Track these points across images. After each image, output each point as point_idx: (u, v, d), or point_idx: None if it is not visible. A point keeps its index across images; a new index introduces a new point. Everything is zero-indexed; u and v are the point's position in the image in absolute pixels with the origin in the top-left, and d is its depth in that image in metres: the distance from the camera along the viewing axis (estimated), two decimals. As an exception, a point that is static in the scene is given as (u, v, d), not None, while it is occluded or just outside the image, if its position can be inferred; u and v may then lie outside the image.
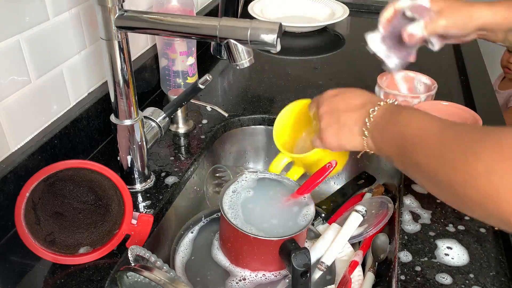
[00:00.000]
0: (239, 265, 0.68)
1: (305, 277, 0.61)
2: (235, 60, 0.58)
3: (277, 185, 0.71)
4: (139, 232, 0.64)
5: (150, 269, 0.56)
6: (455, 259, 0.62)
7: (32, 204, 0.59)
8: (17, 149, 0.68)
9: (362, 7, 1.47)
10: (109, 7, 0.59)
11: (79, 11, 0.75)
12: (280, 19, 1.37)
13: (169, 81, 0.95)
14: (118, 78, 0.65)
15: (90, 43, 0.80)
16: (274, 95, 1.00)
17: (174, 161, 0.81)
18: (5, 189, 0.63)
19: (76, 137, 0.76)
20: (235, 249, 0.67)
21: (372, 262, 0.75)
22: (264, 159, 0.98)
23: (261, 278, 0.67)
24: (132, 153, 0.71)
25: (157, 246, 0.73)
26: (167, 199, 0.74)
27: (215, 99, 0.99)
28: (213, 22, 0.57)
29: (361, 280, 0.71)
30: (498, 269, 0.61)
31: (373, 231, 0.76)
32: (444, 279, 0.60)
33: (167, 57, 0.92)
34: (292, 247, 0.61)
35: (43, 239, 0.60)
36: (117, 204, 0.63)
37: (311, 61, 1.18)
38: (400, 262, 0.62)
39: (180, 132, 0.88)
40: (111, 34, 0.61)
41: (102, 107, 0.81)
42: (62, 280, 0.59)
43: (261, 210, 0.67)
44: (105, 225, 0.64)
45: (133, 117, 0.69)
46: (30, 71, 0.68)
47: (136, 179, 0.73)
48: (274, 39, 0.55)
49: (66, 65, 0.75)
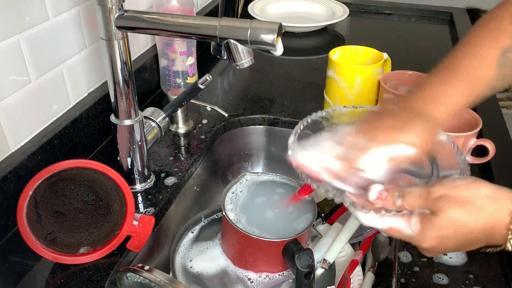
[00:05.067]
0: (242, 266, 0.68)
1: (309, 278, 0.61)
2: (235, 60, 0.58)
3: (279, 186, 0.71)
4: (140, 234, 0.64)
5: (150, 270, 0.56)
6: (454, 259, 0.62)
7: (34, 203, 0.59)
8: (17, 149, 0.68)
9: (362, 7, 1.47)
10: (109, 7, 0.59)
11: (79, 11, 0.75)
12: (280, 19, 1.37)
13: (169, 81, 0.95)
14: (118, 78, 0.65)
15: (90, 43, 0.80)
16: (274, 95, 1.00)
17: (174, 161, 0.81)
18: (5, 189, 0.63)
19: (76, 137, 0.76)
20: (238, 250, 0.67)
21: (372, 262, 0.75)
22: (264, 159, 0.98)
23: (265, 279, 0.67)
24: (132, 153, 0.71)
25: (157, 246, 0.73)
26: (167, 199, 0.74)
27: (215, 99, 0.99)
28: (213, 22, 0.57)
29: (361, 280, 0.71)
30: (498, 269, 0.61)
31: (373, 231, 0.76)
32: (443, 280, 0.60)
33: (167, 57, 0.92)
34: (296, 248, 0.61)
35: (44, 237, 0.60)
36: (118, 205, 0.63)
37: (311, 61, 1.18)
38: (400, 262, 0.62)
39: (180, 132, 0.88)
40: (111, 34, 0.61)
41: (102, 107, 0.81)
42: (62, 280, 0.59)
43: (264, 212, 0.67)
44: (105, 226, 0.64)
45: (133, 117, 0.69)
46: (30, 71, 0.68)
47: (136, 179, 0.73)
48: (274, 39, 0.55)
49: (66, 65, 0.75)
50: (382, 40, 1.28)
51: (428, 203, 0.49)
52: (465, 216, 0.48)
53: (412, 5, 1.45)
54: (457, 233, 0.48)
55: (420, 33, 1.37)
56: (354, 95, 0.87)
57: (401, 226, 0.50)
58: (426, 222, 0.49)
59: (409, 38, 1.32)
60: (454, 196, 0.48)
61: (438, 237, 0.49)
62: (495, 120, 0.89)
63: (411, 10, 1.45)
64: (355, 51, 0.94)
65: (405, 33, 1.34)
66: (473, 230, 0.48)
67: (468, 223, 0.48)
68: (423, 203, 0.50)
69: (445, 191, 0.49)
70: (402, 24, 1.42)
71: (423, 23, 1.41)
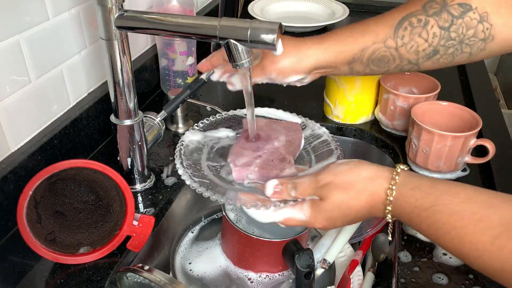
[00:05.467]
0: (242, 266, 0.68)
1: (309, 278, 0.61)
2: (235, 60, 0.58)
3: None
4: (140, 234, 0.64)
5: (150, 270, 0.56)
6: (453, 259, 0.62)
7: (34, 203, 0.59)
8: (17, 149, 0.68)
9: (362, 7, 1.47)
10: (109, 7, 0.59)
11: (79, 11, 0.75)
12: (280, 19, 1.37)
13: (169, 81, 0.95)
14: (118, 78, 0.65)
15: (90, 43, 0.80)
16: (274, 95, 1.00)
17: (174, 161, 0.81)
18: (5, 189, 0.63)
19: (76, 137, 0.76)
20: (238, 250, 0.67)
21: (372, 262, 0.75)
22: (264, 159, 0.98)
23: (265, 279, 0.67)
24: (132, 153, 0.71)
25: (157, 246, 0.73)
26: (167, 199, 0.74)
27: (215, 99, 0.99)
28: (213, 22, 0.57)
29: (361, 280, 0.71)
30: (498, 269, 0.61)
31: (373, 231, 0.76)
32: (443, 280, 0.60)
33: (167, 57, 0.92)
34: (296, 248, 0.61)
35: (44, 237, 0.60)
36: (118, 205, 0.63)
37: (311, 61, 1.18)
38: (400, 262, 0.62)
39: (180, 132, 0.88)
40: (111, 34, 0.61)
41: (102, 107, 0.81)
42: (62, 280, 0.59)
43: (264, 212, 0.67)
44: (105, 226, 0.64)
45: (133, 117, 0.69)
46: (30, 71, 0.68)
47: (136, 179, 0.73)
48: (274, 39, 0.55)
49: (66, 65, 0.75)
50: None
51: (317, 191, 0.56)
52: (348, 199, 0.54)
53: (412, 5, 1.45)
54: (343, 213, 0.55)
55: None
56: (354, 96, 0.87)
57: (295, 214, 0.57)
58: (315, 207, 0.56)
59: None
60: (338, 183, 0.55)
61: (327, 219, 0.56)
62: (495, 120, 0.89)
63: (411, 10, 1.45)
64: None
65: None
66: (357, 209, 0.54)
67: (351, 205, 0.54)
68: (312, 191, 0.56)
69: (330, 178, 0.55)
70: (402, 24, 1.42)
71: (423, 23, 1.41)
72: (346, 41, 0.63)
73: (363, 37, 0.62)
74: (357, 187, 0.54)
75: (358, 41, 0.62)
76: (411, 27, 0.60)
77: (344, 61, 0.63)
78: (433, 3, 0.59)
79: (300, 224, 0.57)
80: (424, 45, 0.60)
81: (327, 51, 0.63)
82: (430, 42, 0.60)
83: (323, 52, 0.63)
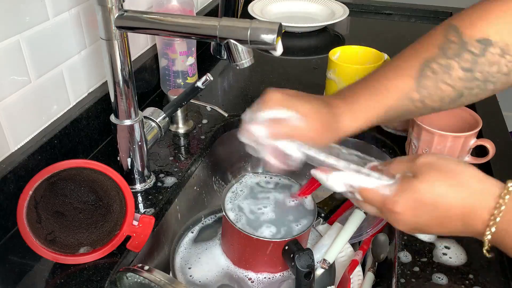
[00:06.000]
0: (242, 266, 0.68)
1: (309, 278, 0.61)
2: (235, 60, 0.58)
3: (279, 187, 0.71)
4: (140, 234, 0.64)
5: (150, 270, 0.56)
6: (453, 259, 0.62)
7: (34, 203, 0.59)
8: (17, 149, 0.68)
9: (362, 7, 1.47)
10: (109, 7, 0.59)
11: (79, 11, 0.75)
12: (280, 19, 1.37)
13: (169, 81, 0.95)
14: (118, 78, 0.65)
15: (90, 43, 0.80)
16: (274, 95, 1.00)
17: (174, 161, 0.81)
18: (5, 189, 0.63)
19: (76, 137, 0.76)
20: (238, 250, 0.67)
21: (372, 262, 0.75)
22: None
23: (265, 279, 0.67)
24: (132, 153, 0.71)
25: (157, 246, 0.73)
26: (167, 199, 0.74)
27: (215, 99, 0.99)
28: (213, 22, 0.57)
29: (361, 280, 0.71)
30: (498, 269, 0.61)
31: (373, 231, 0.76)
32: (443, 280, 0.60)
33: (167, 57, 0.92)
34: (295, 248, 0.61)
35: (43, 237, 0.60)
36: (118, 205, 0.63)
37: (311, 61, 1.18)
38: (400, 262, 0.62)
39: (180, 132, 0.88)
40: (111, 34, 0.61)
41: (102, 107, 0.81)
42: (62, 280, 0.59)
43: (264, 212, 0.67)
44: (105, 226, 0.64)
45: (133, 117, 0.69)
46: (30, 71, 0.68)
47: (136, 179, 0.73)
48: (274, 39, 0.55)
49: (66, 65, 0.75)
50: (382, 40, 1.28)
51: (413, 166, 0.48)
52: (446, 186, 0.45)
53: (412, 5, 1.45)
54: (434, 201, 0.46)
55: (420, 33, 1.35)
56: None
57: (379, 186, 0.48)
58: (404, 183, 0.47)
59: (409, 38, 1.31)
60: (440, 165, 0.47)
61: (413, 201, 0.46)
62: (495, 120, 0.89)
63: (411, 10, 1.45)
64: (355, 51, 0.94)
65: (405, 33, 1.34)
66: (452, 205, 0.45)
67: (448, 194, 0.45)
68: (408, 165, 0.49)
69: (432, 159, 0.47)
70: (402, 24, 1.42)
71: (423, 23, 1.41)
72: (371, 104, 0.57)
73: (387, 93, 0.56)
74: (462, 179, 0.46)
75: (382, 102, 0.57)
76: (434, 75, 0.55)
77: (370, 124, 0.59)
78: (451, 44, 0.54)
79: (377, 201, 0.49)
80: (449, 90, 0.55)
81: (357, 121, 0.58)
82: (455, 87, 0.55)
83: (353, 122, 0.58)
